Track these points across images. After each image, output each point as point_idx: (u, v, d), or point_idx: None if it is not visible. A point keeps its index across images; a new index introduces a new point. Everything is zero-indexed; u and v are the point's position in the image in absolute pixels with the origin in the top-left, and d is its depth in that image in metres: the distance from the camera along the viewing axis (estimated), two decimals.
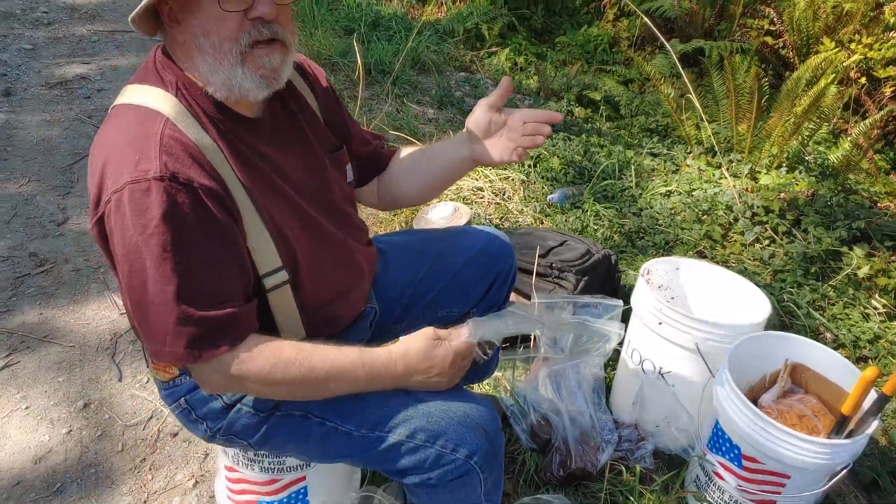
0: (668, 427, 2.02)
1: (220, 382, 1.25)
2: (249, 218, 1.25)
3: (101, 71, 4.27)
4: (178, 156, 1.16)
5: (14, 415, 2.17)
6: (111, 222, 1.17)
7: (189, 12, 1.19)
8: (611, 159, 3.46)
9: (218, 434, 1.44)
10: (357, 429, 1.36)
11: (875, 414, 1.66)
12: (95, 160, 1.21)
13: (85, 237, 2.91)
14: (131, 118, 1.22)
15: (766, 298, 1.98)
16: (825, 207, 3.06)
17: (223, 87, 1.24)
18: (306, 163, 1.42)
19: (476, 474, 1.34)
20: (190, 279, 1.16)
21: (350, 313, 1.51)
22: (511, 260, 1.80)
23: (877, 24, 4.58)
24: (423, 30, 4.89)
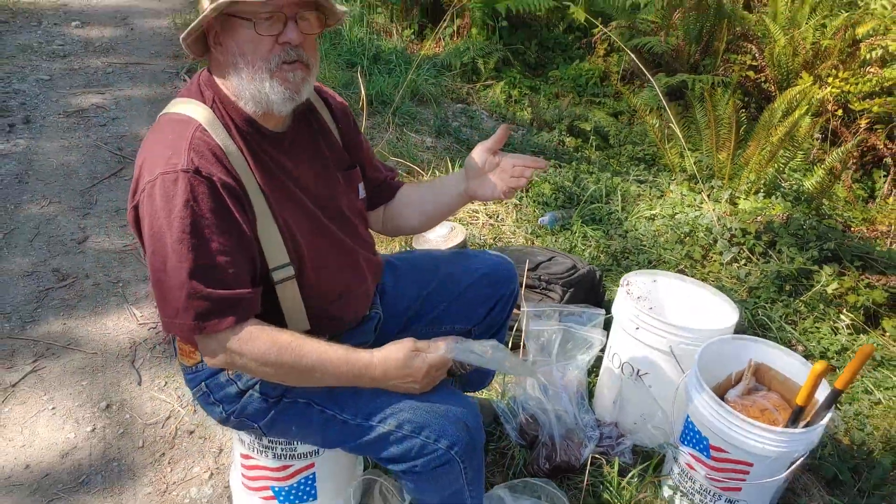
0: (645, 424, 2.20)
1: (220, 355, 1.42)
2: (263, 216, 1.45)
3: (115, 100, 4.48)
4: (203, 154, 1.37)
5: (41, 415, 2.35)
6: (144, 208, 1.37)
7: (230, 36, 1.40)
8: (599, 185, 3.67)
9: (232, 416, 1.62)
10: (353, 418, 1.53)
11: (828, 407, 1.84)
12: (138, 158, 1.43)
13: (104, 254, 3.10)
14: (171, 124, 1.44)
15: (735, 307, 2.17)
16: (799, 230, 3.26)
17: (252, 99, 1.45)
18: (319, 175, 1.62)
19: (456, 464, 1.51)
20: (202, 260, 1.35)
21: (352, 314, 1.69)
22: (514, 284, 1.96)
23: (853, 59, 4.83)
24: (422, 64, 5.12)
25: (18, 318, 2.73)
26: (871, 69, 4.75)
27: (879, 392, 2.55)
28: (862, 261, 3.20)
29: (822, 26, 5.01)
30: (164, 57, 5.21)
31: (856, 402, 2.50)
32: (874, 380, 2.61)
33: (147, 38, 5.51)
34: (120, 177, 3.70)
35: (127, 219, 1.48)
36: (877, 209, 4.20)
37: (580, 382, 2.26)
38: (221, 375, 1.59)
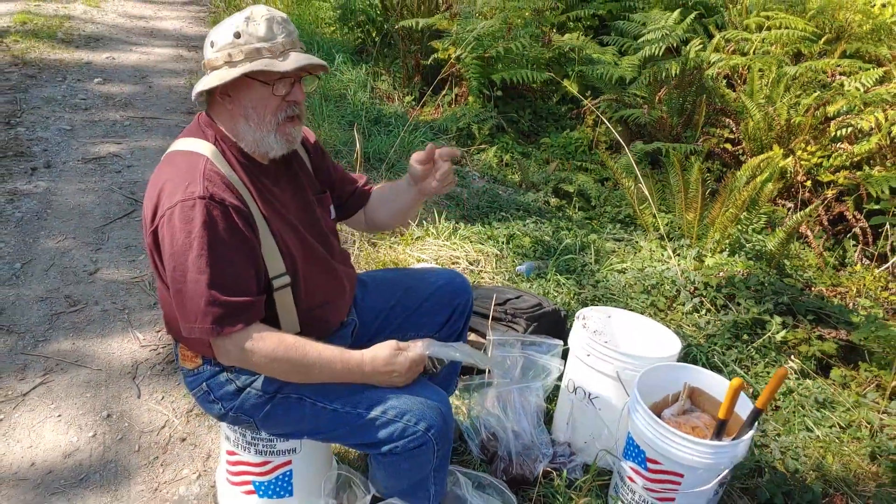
0: (594, 443, 2.42)
1: (235, 354, 1.69)
2: (263, 233, 1.73)
3: (131, 150, 4.81)
4: (215, 182, 1.65)
5: (48, 421, 2.58)
6: (163, 231, 1.65)
7: (242, 92, 1.72)
8: (575, 239, 3.94)
9: (230, 412, 1.88)
10: (342, 406, 1.80)
11: (751, 425, 2.07)
12: (153, 188, 1.71)
13: (113, 284, 3.37)
14: (182, 158, 1.72)
15: (679, 340, 2.42)
16: (758, 285, 3.51)
17: (252, 144, 1.76)
18: (299, 200, 1.93)
19: (431, 445, 1.78)
20: (219, 272, 1.63)
21: (335, 319, 1.97)
22: (468, 296, 2.25)
23: (823, 135, 5.15)
24: (420, 126, 5.47)
25: (32, 336, 2.98)
26: (842, 145, 5.07)
27: (818, 429, 2.76)
28: (815, 315, 3.44)
29: (795, 104, 5.35)
30: (178, 112, 5.57)
31: (792, 434, 2.71)
32: (815, 419, 2.82)
33: (164, 95, 5.89)
34: (131, 217, 3.99)
35: (145, 242, 1.76)
36: (846, 277, 4.44)
37: (538, 405, 2.48)
38: (221, 375, 1.85)
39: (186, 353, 1.90)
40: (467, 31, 5.95)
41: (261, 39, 1.69)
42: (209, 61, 1.74)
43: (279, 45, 1.70)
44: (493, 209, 4.43)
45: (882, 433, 2.77)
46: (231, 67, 1.69)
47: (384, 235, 3.92)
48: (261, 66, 1.67)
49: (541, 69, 6.12)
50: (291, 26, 1.75)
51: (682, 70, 5.73)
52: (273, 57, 1.70)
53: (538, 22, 6.46)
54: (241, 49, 1.69)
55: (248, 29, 1.69)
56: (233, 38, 1.70)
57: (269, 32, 1.70)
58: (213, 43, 1.72)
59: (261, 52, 1.69)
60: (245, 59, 1.69)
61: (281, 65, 1.68)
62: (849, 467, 2.59)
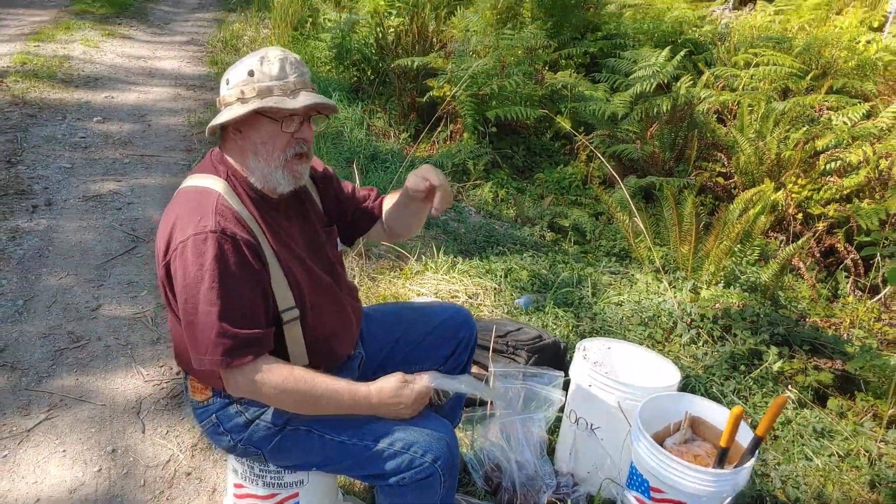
0: (597, 473, 2.44)
1: (245, 386, 1.73)
2: (273, 267, 1.78)
3: (131, 188, 4.86)
4: (227, 217, 1.70)
5: (53, 456, 2.59)
6: (176, 264, 1.69)
7: (252, 128, 1.77)
8: (572, 273, 3.99)
9: (239, 444, 1.90)
10: (349, 438, 1.83)
11: (752, 453, 2.10)
12: (166, 222, 1.75)
13: (115, 321, 3.39)
14: (194, 194, 1.77)
15: (678, 370, 2.46)
16: (753, 316, 3.56)
17: (261, 179, 1.81)
18: (307, 233, 1.97)
19: (438, 477, 1.80)
20: (229, 304, 1.67)
21: (343, 351, 2.00)
22: (472, 330, 2.29)
23: (813, 169, 5.25)
24: (416, 162, 5.54)
25: (35, 373, 2.99)
26: (831, 178, 5.17)
27: (817, 458, 2.79)
28: (811, 345, 3.49)
29: (785, 138, 5.45)
30: (177, 150, 5.63)
31: (792, 463, 2.74)
32: (814, 447, 2.85)
33: (163, 134, 5.95)
34: (132, 254, 4.02)
35: (157, 276, 1.80)
36: (839, 308, 4.50)
37: (540, 436, 2.51)
38: (231, 408, 1.88)
39: (196, 386, 1.93)
40: (462, 70, 6.06)
41: (273, 78, 1.76)
42: (223, 98, 1.80)
43: (290, 84, 1.77)
44: (490, 244, 4.49)
45: (880, 461, 2.80)
46: (243, 104, 1.75)
47: (383, 270, 3.96)
48: (271, 103, 1.73)
49: (534, 106, 6.22)
50: (304, 68, 1.81)
51: (673, 106, 5.84)
52: (284, 95, 1.76)
53: (531, 60, 6.58)
54: (253, 87, 1.75)
55: (261, 68, 1.76)
56: (247, 76, 1.76)
57: (282, 72, 1.76)
58: (229, 81, 1.79)
59: (272, 90, 1.75)
60: (256, 97, 1.75)
61: (290, 102, 1.74)
62: (849, 496, 2.61)
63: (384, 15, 7.43)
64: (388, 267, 4.00)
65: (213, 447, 2.66)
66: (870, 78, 6.69)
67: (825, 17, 8.52)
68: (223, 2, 11.63)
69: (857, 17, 8.00)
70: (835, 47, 6.99)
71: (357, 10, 8.16)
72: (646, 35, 7.62)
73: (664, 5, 8.04)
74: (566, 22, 7.69)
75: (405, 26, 7.23)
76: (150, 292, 3.66)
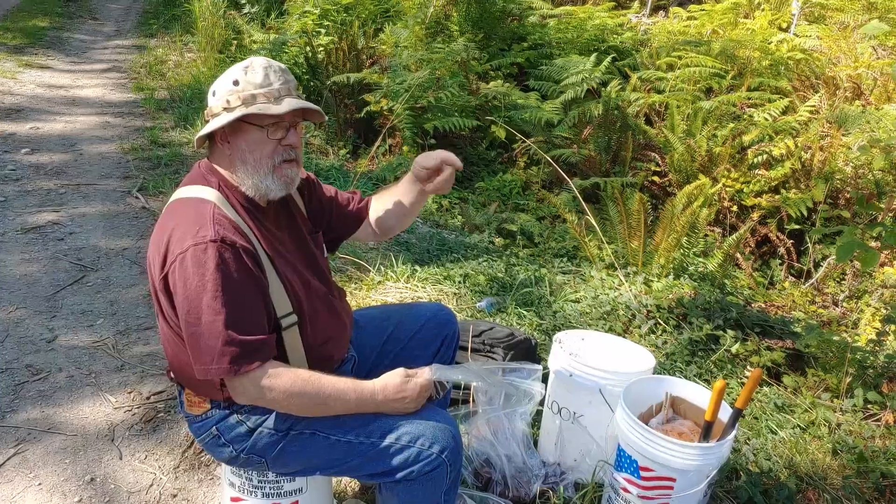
0: (584, 459, 2.51)
1: (252, 392, 1.73)
2: (270, 273, 1.79)
3: (70, 218, 4.74)
4: (225, 226, 1.71)
5: (28, 490, 2.51)
6: (175, 276, 1.69)
7: (239, 136, 1.78)
8: (528, 274, 4.08)
9: (241, 454, 1.90)
10: (356, 437, 1.85)
11: (732, 425, 2.20)
12: (160, 235, 1.75)
13: (74, 350, 3.31)
14: (189, 205, 1.77)
15: (651, 355, 2.55)
16: (705, 304, 3.70)
17: (252, 187, 1.82)
18: (297, 240, 1.99)
19: (445, 467, 1.84)
20: (234, 312, 1.68)
21: (339, 354, 2.02)
22: (454, 326, 2.34)
23: (742, 163, 5.49)
24: (359, 178, 5.56)
25: None
26: (760, 171, 5.41)
27: (781, 431, 2.92)
28: (761, 328, 3.66)
29: (713, 136, 5.68)
30: (113, 178, 5.51)
31: (761, 437, 2.87)
32: (777, 421, 2.99)
33: (96, 162, 5.82)
34: (82, 283, 3.92)
35: (152, 290, 1.80)
36: (776, 295, 4.71)
37: (524, 430, 2.56)
38: (232, 418, 1.87)
39: (193, 399, 1.92)
40: (398, 84, 6.12)
41: (257, 86, 1.78)
42: (210, 109, 1.81)
43: (275, 90, 1.79)
44: (444, 251, 4.54)
45: (839, 429, 2.95)
46: (228, 113, 1.77)
47: (343, 283, 3.97)
48: (255, 110, 1.75)
49: (469, 117, 6.32)
50: (289, 75, 1.84)
51: (605, 110, 6.01)
52: (268, 102, 1.78)
53: (464, 72, 6.68)
54: (238, 95, 1.77)
55: (246, 77, 1.77)
56: (231, 85, 1.78)
57: (266, 79, 1.79)
58: (215, 92, 1.80)
59: (256, 97, 1.77)
60: (241, 105, 1.77)
61: (275, 108, 1.77)
62: (815, 463, 2.75)
63: (313, 34, 7.44)
64: (348, 279, 4.01)
65: (196, 467, 2.63)
66: (783, 75, 7.03)
67: (735, 21, 8.89)
68: (142, 28, 11.41)
69: (766, 19, 8.38)
70: (749, 48, 7.31)
71: (285, 31, 8.13)
72: (570, 43, 7.83)
73: (585, 15, 8.25)
74: (493, 34, 7.83)
75: (335, 44, 7.26)
76: (106, 320, 3.58)
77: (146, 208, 4.96)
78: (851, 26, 8.02)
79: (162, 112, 7.21)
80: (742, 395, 2.17)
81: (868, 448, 2.81)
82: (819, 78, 6.72)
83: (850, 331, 3.92)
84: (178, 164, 5.77)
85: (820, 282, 4.73)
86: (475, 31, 7.63)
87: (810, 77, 6.84)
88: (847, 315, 4.24)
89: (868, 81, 6.41)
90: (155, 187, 5.28)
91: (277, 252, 1.86)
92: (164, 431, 2.83)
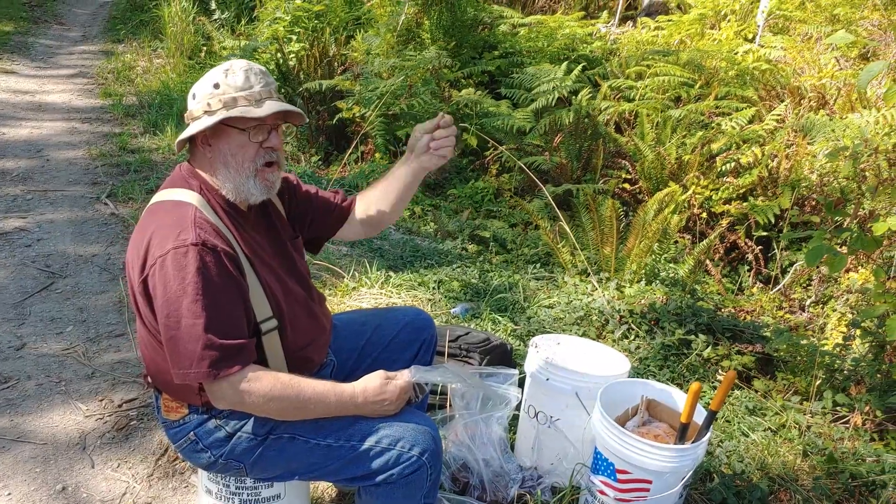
0: (561, 463, 2.52)
1: (231, 397, 1.72)
2: (250, 277, 1.78)
3: (38, 224, 4.67)
4: (206, 229, 1.70)
5: None
6: (155, 279, 1.67)
7: (221, 139, 1.78)
8: (502, 279, 4.10)
9: (220, 459, 1.88)
10: (336, 441, 1.84)
11: (707, 427, 2.23)
12: (140, 238, 1.73)
13: (44, 358, 3.25)
14: (169, 207, 1.76)
15: (626, 358, 2.58)
16: (677, 309, 3.75)
17: (233, 190, 1.82)
18: (276, 245, 1.99)
19: (425, 469, 1.84)
20: (214, 316, 1.66)
21: (319, 357, 2.02)
22: (432, 330, 2.34)
23: (711, 171, 5.57)
24: (332, 185, 5.55)
25: None
26: (728, 179, 5.50)
27: (753, 434, 2.97)
28: (731, 332, 3.71)
29: (682, 144, 5.76)
30: (81, 184, 5.44)
31: (734, 440, 2.91)
32: (749, 424, 3.03)
33: (63, 168, 5.74)
34: (51, 290, 3.87)
35: (130, 293, 1.79)
36: (744, 300, 4.78)
37: (501, 434, 2.57)
38: (210, 423, 1.86)
39: (171, 405, 1.90)
40: (370, 91, 6.12)
41: (238, 89, 1.77)
42: (190, 112, 1.80)
43: (256, 93, 1.78)
44: (417, 258, 4.54)
45: (809, 432, 3.00)
46: (210, 116, 1.76)
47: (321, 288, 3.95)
48: (237, 113, 1.75)
49: None
50: (270, 77, 1.83)
51: (576, 118, 6.07)
52: (249, 105, 1.77)
53: (436, 79, 6.70)
54: (219, 98, 1.76)
55: (226, 80, 1.77)
56: (212, 88, 1.77)
57: (247, 82, 1.78)
58: (195, 95, 1.79)
59: (237, 100, 1.76)
60: (222, 108, 1.76)
61: (256, 111, 1.76)
62: (786, 465, 2.79)
63: (284, 41, 7.42)
64: (322, 285, 3.99)
65: (170, 475, 2.60)
66: (750, 85, 7.15)
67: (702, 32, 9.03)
68: (109, 33, 11.28)
69: (732, 30, 8.53)
70: (716, 58, 7.43)
71: (255, 37, 8.09)
72: (541, 52, 7.89)
73: (555, 24, 8.33)
74: (465, 42, 7.87)
75: (306, 51, 7.25)
76: (76, 327, 3.53)
77: (115, 214, 4.90)
78: (815, 37, 8.18)
79: (130, 118, 7.14)
80: (716, 397, 2.20)
81: (837, 449, 2.86)
82: (784, 88, 6.84)
83: (817, 335, 3.99)
84: (147, 170, 5.71)
85: (787, 287, 4.80)
86: (447, 39, 7.65)
87: (776, 87, 6.96)
88: (814, 320, 4.32)
89: (832, 91, 6.54)
90: (124, 193, 5.22)
91: (258, 256, 1.85)
92: (136, 439, 2.79)
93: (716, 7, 9.37)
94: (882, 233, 2.71)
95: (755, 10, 8.58)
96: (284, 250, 2.00)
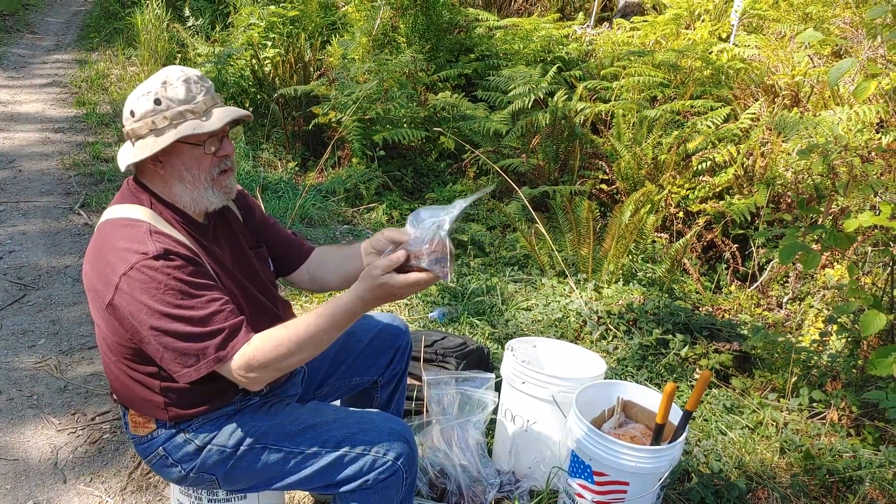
0: (539, 466, 2.51)
1: (243, 367, 1.66)
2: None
3: (10, 236, 4.60)
4: (165, 240, 1.68)
5: None
6: (123, 298, 1.65)
7: (173, 156, 1.76)
8: (480, 283, 4.09)
9: (190, 473, 1.86)
10: (310, 447, 1.82)
11: (683, 427, 2.22)
12: (96, 259, 1.71)
13: (14, 372, 3.20)
14: (121, 225, 1.74)
15: (602, 360, 2.57)
16: (655, 309, 3.75)
17: (190, 203, 1.80)
18: (238, 253, 1.97)
19: (401, 474, 1.82)
20: (199, 309, 1.66)
21: None
22: (407, 336, 2.32)
23: (687, 170, 5.59)
24: (310, 191, 5.52)
25: None
26: (704, 178, 5.52)
27: (731, 432, 2.97)
28: (709, 331, 3.71)
29: (659, 143, 5.78)
30: (55, 195, 5.37)
31: (711, 439, 2.91)
32: (726, 422, 3.04)
33: (36, 179, 5.67)
34: (23, 303, 3.81)
35: (94, 314, 1.77)
36: (722, 298, 4.79)
37: (478, 439, 2.56)
38: (178, 437, 1.83)
39: (138, 420, 1.87)
40: (346, 96, 6.10)
41: (182, 102, 1.72)
42: (132, 130, 1.75)
43: (201, 104, 1.74)
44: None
45: (786, 429, 3.01)
46: (158, 136, 1.72)
47: (294, 296, 3.92)
48: (188, 129, 1.71)
49: (418, 128, 6.32)
50: (208, 82, 1.79)
51: (553, 119, 6.07)
52: (197, 118, 1.73)
53: (412, 83, 6.69)
54: (163, 115, 1.71)
55: (167, 94, 1.72)
56: (153, 105, 1.72)
57: (189, 94, 1.73)
58: (134, 112, 1.74)
59: (184, 115, 1.72)
60: (170, 125, 1.71)
61: (207, 125, 1.73)
62: (764, 462, 2.80)
63: (259, 46, 7.38)
64: (298, 291, 3.97)
65: (144, 488, 2.56)
66: (725, 84, 7.19)
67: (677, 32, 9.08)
68: (82, 41, 11.17)
69: (707, 30, 8.57)
70: (690, 58, 7.47)
71: (230, 43, 8.04)
72: (517, 54, 7.89)
73: (531, 26, 8.33)
74: (441, 45, 7.86)
75: (281, 57, 7.21)
76: (48, 340, 3.48)
77: (88, 225, 4.84)
78: (788, 36, 8.24)
79: (104, 127, 7.07)
80: (692, 398, 2.20)
81: (814, 446, 2.87)
82: (758, 86, 6.88)
83: (795, 332, 4.01)
84: (121, 179, 5.63)
85: (764, 285, 4.83)
86: (422, 43, 7.64)
87: (750, 85, 7.00)
88: (791, 317, 4.34)
89: (805, 89, 6.59)
90: (98, 203, 5.17)
91: (218, 263, 1.83)
92: (109, 453, 2.75)
93: (690, 7, 9.41)
94: (853, 229, 2.72)
95: (729, 9, 8.63)
96: (246, 259, 1.97)
